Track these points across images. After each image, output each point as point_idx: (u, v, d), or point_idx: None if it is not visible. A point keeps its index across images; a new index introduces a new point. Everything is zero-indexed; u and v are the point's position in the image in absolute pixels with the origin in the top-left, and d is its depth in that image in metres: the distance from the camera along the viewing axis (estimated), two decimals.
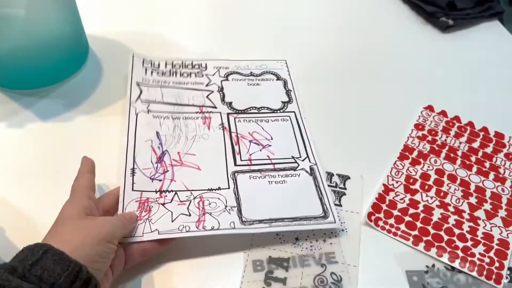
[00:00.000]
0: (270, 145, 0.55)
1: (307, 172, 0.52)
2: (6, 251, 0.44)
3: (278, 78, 0.64)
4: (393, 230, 0.49)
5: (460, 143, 0.58)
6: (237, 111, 0.58)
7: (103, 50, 0.67)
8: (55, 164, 0.53)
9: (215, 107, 0.58)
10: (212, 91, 0.61)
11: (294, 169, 0.52)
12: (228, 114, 0.58)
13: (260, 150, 0.54)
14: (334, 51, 0.71)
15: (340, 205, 0.50)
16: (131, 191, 0.48)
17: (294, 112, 0.60)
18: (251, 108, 0.59)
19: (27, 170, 0.52)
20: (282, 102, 0.61)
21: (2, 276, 0.31)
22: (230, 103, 0.59)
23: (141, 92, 0.58)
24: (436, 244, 0.48)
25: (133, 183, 0.48)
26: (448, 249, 0.47)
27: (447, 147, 0.58)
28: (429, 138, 0.59)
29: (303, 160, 0.53)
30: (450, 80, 0.68)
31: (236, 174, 0.51)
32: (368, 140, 0.58)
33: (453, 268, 0.46)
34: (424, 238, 0.48)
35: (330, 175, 0.53)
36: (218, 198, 0.48)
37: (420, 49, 0.73)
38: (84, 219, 0.40)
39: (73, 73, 0.63)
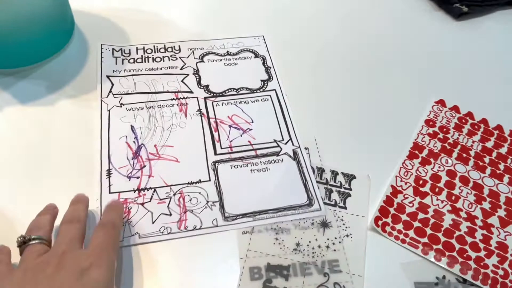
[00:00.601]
0: (251, 129, 0.52)
1: (290, 156, 0.50)
2: None
3: (256, 55, 0.61)
4: (401, 236, 0.45)
5: (473, 142, 0.54)
6: (214, 94, 0.55)
7: (90, 28, 0.62)
8: (35, 152, 0.48)
9: (191, 92, 0.55)
10: (187, 75, 0.57)
11: (277, 154, 0.50)
12: (205, 98, 0.55)
13: (241, 135, 0.52)
14: (337, 39, 0.66)
15: (345, 208, 0.47)
16: (108, 194, 0.45)
17: (274, 90, 0.57)
18: (229, 90, 0.56)
19: (3, 158, 0.47)
20: (261, 80, 0.58)
21: None
22: (207, 86, 0.56)
23: (112, 85, 0.55)
24: (447, 253, 0.44)
25: (109, 185, 0.46)
26: (460, 260, 0.44)
27: (459, 146, 0.54)
28: (440, 135, 0.55)
29: (285, 143, 0.51)
30: (463, 72, 0.63)
31: (216, 164, 0.49)
32: (374, 136, 0.54)
33: (465, 281, 0.43)
34: (434, 247, 0.45)
35: (334, 173, 0.49)
36: (199, 193, 0.46)
37: (431, 37, 0.68)
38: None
39: (56, 52, 0.57)
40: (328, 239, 0.44)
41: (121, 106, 0.53)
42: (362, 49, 0.65)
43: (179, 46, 0.61)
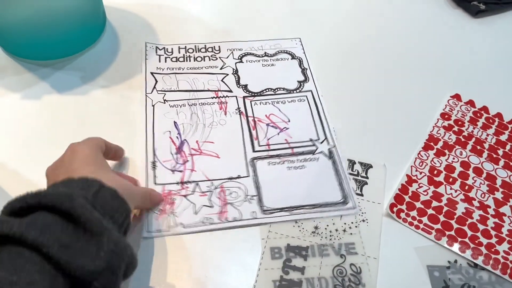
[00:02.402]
0: (287, 128, 0.54)
1: (325, 155, 0.52)
2: None
3: (293, 57, 0.63)
4: (415, 222, 0.47)
5: (488, 135, 0.56)
6: (252, 94, 0.57)
7: (121, 22, 0.65)
8: (70, 138, 0.51)
9: (230, 91, 0.57)
10: (227, 74, 0.59)
11: (313, 152, 0.52)
12: (244, 97, 0.57)
13: (278, 134, 0.53)
14: (357, 34, 0.68)
15: (362, 195, 0.49)
16: (154, 185, 0.48)
17: (310, 91, 0.58)
18: (267, 90, 0.58)
19: (41, 143, 0.51)
20: (298, 81, 0.59)
21: (81, 203, 0.31)
22: (245, 86, 0.58)
23: (156, 81, 0.57)
24: (459, 239, 0.46)
25: (154, 176, 0.48)
26: (472, 245, 0.46)
27: (473, 139, 0.56)
28: (455, 128, 0.56)
29: (321, 143, 0.53)
30: (479, 68, 0.65)
31: (255, 160, 0.51)
32: (391, 127, 0.56)
33: (476, 265, 0.45)
34: (447, 233, 0.47)
35: (352, 163, 0.52)
36: (239, 187, 0.48)
37: (449, 34, 0.70)
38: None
39: (89, 45, 0.61)
40: (345, 223, 0.47)
41: (164, 103, 0.55)
42: (385, 47, 0.67)
43: (219, 46, 0.63)
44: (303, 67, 0.62)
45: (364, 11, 0.72)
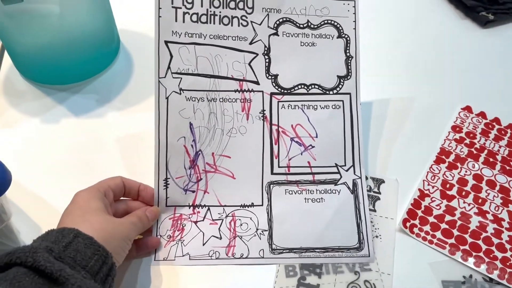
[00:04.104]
0: (313, 147, 0.50)
1: (348, 188, 0.49)
2: None
3: (340, 34, 0.51)
4: (428, 237, 0.48)
5: (500, 146, 0.56)
6: (282, 90, 0.50)
7: (134, 45, 0.67)
8: (88, 159, 0.53)
9: (257, 83, 0.49)
10: (256, 54, 0.49)
11: (335, 182, 0.49)
12: (271, 94, 0.50)
13: (301, 154, 0.49)
14: (366, 45, 0.69)
15: (374, 210, 0.49)
16: (165, 207, 0.47)
17: (349, 94, 0.50)
18: (300, 86, 0.50)
19: (60, 165, 0.53)
20: (338, 76, 0.51)
21: (44, 257, 0.32)
22: (276, 77, 0.50)
23: (171, 57, 0.47)
24: (473, 253, 0.46)
25: (166, 197, 0.47)
26: (487, 260, 0.46)
27: (486, 151, 0.56)
28: (467, 141, 0.57)
29: (347, 170, 0.49)
30: (490, 79, 0.65)
31: (271, 186, 0.48)
32: (402, 142, 0.56)
33: (491, 280, 0.45)
34: (461, 247, 0.47)
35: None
36: (250, 218, 0.47)
37: (458, 45, 0.70)
38: (110, 216, 0.42)
39: (104, 68, 0.63)
40: None
41: (180, 93, 0.48)
42: (392, 59, 0.67)
43: (252, 1, 0.49)
44: (348, 53, 0.51)
45: (370, 21, 0.73)
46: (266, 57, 0.50)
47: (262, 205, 0.48)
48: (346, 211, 0.47)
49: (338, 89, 0.50)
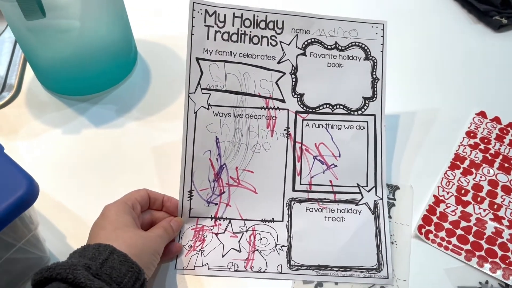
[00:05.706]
0: (335, 166, 0.50)
1: (369, 209, 0.49)
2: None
3: (367, 56, 0.51)
4: (444, 243, 0.48)
5: None
6: (307, 109, 0.51)
7: (151, 55, 0.69)
8: (108, 169, 0.55)
9: (283, 101, 0.50)
10: (284, 73, 0.50)
11: (356, 202, 0.49)
12: (296, 112, 0.50)
13: (323, 172, 0.50)
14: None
15: (390, 217, 0.50)
16: (188, 218, 0.49)
17: (374, 116, 0.51)
18: (325, 106, 0.51)
19: (82, 175, 0.54)
20: (363, 98, 0.51)
21: (84, 274, 0.34)
22: (301, 96, 0.51)
23: (201, 73, 0.49)
24: (489, 259, 0.47)
25: (190, 208, 0.48)
26: (503, 265, 0.46)
27: (501, 157, 0.56)
28: (482, 146, 0.57)
29: (369, 191, 0.50)
30: (504, 84, 0.65)
31: (292, 202, 0.49)
32: (417, 148, 0.57)
33: (507, 286, 0.45)
34: (477, 253, 0.47)
35: None
36: (270, 233, 0.48)
37: (471, 50, 0.70)
38: (140, 230, 0.43)
39: (123, 79, 0.65)
40: None
41: (208, 109, 0.49)
42: (405, 65, 0.67)
43: (282, 22, 0.50)
44: (374, 75, 0.51)
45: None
46: (293, 76, 0.51)
47: (282, 221, 0.49)
48: (366, 232, 0.48)
49: (363, 110, 0.51)
